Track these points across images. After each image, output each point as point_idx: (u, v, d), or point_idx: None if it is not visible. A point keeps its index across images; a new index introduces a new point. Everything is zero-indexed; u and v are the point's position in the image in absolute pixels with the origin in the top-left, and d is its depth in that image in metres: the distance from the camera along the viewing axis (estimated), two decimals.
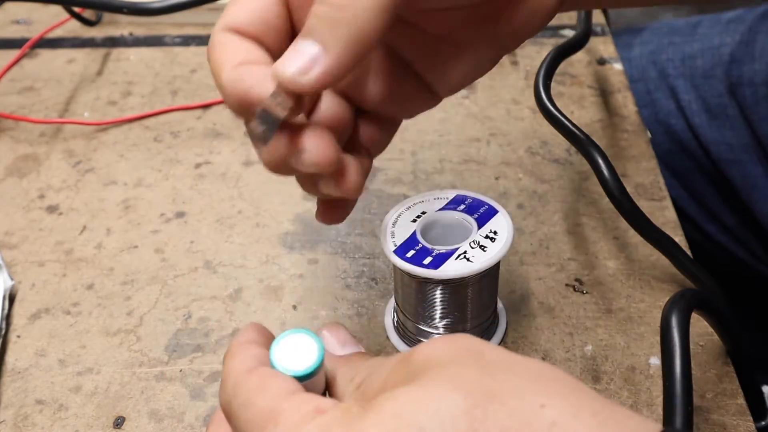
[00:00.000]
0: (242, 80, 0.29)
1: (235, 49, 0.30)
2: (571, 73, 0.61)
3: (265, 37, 0.31)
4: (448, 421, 0.22)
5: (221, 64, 0.30)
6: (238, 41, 0.31)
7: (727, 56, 0.63)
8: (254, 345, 0.30)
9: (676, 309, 0.34)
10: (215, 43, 0.31)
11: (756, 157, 0.61)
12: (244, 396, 0.27)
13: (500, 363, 0.24)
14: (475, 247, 0.37)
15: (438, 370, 0.24)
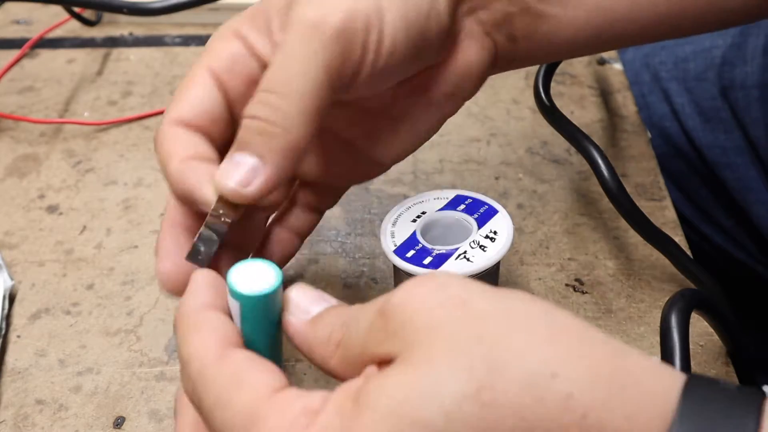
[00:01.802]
0: (186, 178, 0.30)
1: (181, 143, 0.32)
2: (571, 73, 0.61)
3: (209, 128, 0.33)
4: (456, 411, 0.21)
5: (168, 158, 0.31)
6: (184, 134, 0.32)
7: (719, 59, 0.63)
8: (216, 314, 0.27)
9: (676, 309, 0.34)
10: (162, 136, 0.32)
11: (749, 159, 0.61)
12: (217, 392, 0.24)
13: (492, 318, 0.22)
14: (475, 247, 0.37)
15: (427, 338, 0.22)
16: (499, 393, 0.21)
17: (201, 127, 0.32)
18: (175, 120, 0.32)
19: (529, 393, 0.21)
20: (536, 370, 0.21)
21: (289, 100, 0.30)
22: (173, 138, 0.32)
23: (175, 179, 0.31)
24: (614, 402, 0.21)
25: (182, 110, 0.32)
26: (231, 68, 0.33)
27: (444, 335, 0.22)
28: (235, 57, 0.33)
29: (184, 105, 0.32)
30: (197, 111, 0.32)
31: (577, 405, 0.20)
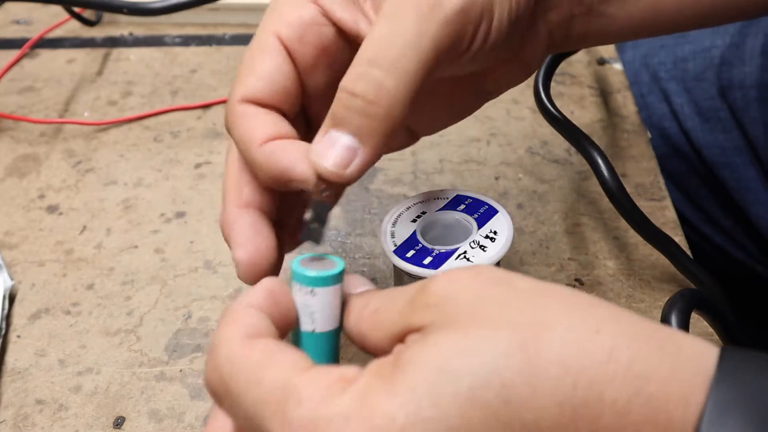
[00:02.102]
0: (278, 159, 0.29)
1: (258, 123, 0.30)
2: (571, 73, 0.61)
3: (283, 104, 0.31)
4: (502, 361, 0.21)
5: (249, 139, 0.30)
6: (259, 113, 0.30)
7: (718, 59, 0.63)
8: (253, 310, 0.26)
9: (676, 309, 0.34)
10: (236, 116, 0.30)
11: (748, 159, 0.61)
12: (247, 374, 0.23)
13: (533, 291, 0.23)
14: (475, 247, 0.37)
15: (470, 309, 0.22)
16: (543, 345, 0.21)
17: (276, 105, 0.31)
18: (248, 97, 0.30)
19: (574, 346, 0.21)
20: (579, 327, 0.21)
21: (396, 78, 0.28)
22: (249, 118, 0.30)
23: (266, 161, 0.29)
24: (657, 356, 0.21)
25: (254, 87, 0.30)
26: (302, 36, 0.31)
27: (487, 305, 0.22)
28: (308, 23, 0.31)
29: (254, 81, 0.30)
30: (270, 87, 0.30)
31: (621, 356, 0.21)
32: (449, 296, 0.23)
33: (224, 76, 0.62)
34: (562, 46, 0.37)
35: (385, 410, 0.21)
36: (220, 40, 0.66)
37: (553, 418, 0.21)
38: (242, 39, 0.66)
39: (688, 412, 0.20)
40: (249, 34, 0.67)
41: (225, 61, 0.64)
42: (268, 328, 0.26)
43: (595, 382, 0.21)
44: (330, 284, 0.27)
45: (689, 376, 0.21)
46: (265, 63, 0.31)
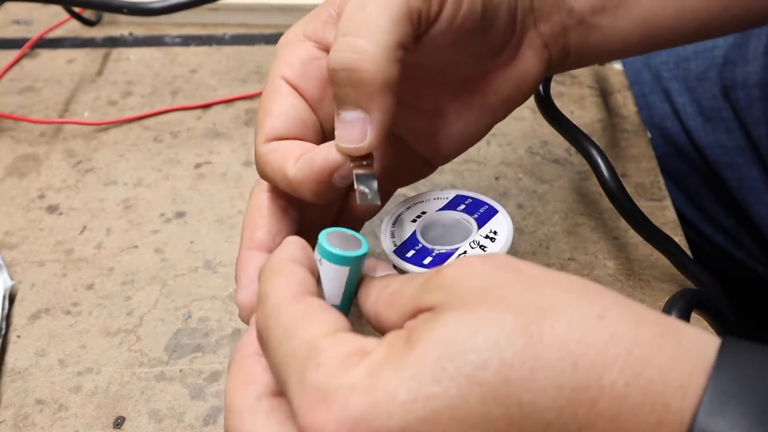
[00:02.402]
0: (312, 162, 0.30)
1: (288, 149, 0.32)
2: (571, 73, 0.61)
3: (305, 135, 0.33)
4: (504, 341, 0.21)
5: (282, 164, 0.31)
6: (287, 143, 0.32)
7: (721, 58, 0.63)
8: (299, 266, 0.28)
9: (676, 309, 0.34)
10: (265, 153, 0.32)
11: (750, 159, 0.61)
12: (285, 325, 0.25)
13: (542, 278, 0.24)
14: (475, 247, 0.37)
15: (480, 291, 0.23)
16: (546, 328, 0.22)
17: (297, 136, 0.33)
18: (270, 137, 0.32)
19: (577, 329, 0.21)
20: (583, 312, 0.22)
21: (369, 36, 0.29)
22: (276, 150, 0.32)
23: (302, 173, 0.31)
24: (658, 343, 0.21)
25: (273, 126, 0.32)
26: (304, 73, 0.33)
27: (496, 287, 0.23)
28: (306, 60, 0.33)
29: (272, 121, 0.32)
30: (288, 122, 0.32)
31: (622, 341, 0.21)
32: (461, 279, 0.24)
33: (224, 76, 0.62)
34: (563, 63, 0.38)
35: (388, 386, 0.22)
36: (220, 40, 0.66)
37: (552, 399, 0.21)
38: (242, 39, 0.66)
39: (686, 400, 0.21)
40: (249, 34, 0.67)
41: (225, 61, 0.64)
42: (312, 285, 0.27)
43: (595, 365, 0.21)
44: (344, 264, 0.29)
45: (689, 365, 0.21)
46: (278, 103, 0.33)
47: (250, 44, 0.66)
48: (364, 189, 0.31)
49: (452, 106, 0.37)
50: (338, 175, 0.31)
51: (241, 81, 0.61)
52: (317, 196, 0.31)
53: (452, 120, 0.37)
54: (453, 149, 0.38)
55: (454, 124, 0.37)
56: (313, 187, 0.31)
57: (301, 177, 0.31)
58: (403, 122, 0.37)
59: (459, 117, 0.37)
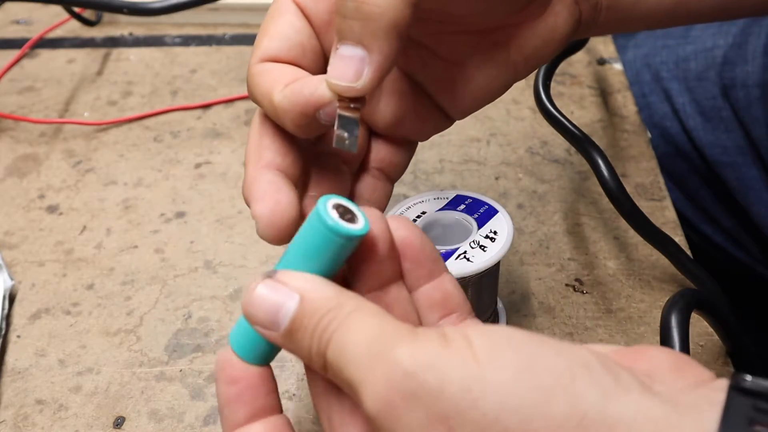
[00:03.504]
0: (299, 92, 0.29)
1: (279, 73, 0.30)
2: (571, 73, 0.61)
3: (302, 60, 0.31)
4: None
5: (270, 88, 0.30)
6: (279, 66, 0.31)
7: (720, 58, 0.63)
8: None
9: (676, 309, 0.34)
10: (256, 73, 0.31)
11: (750, 159, 0.61)
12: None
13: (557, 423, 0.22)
14: (475, 247, 0.37)
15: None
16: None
17: (294, 61, 0.31)
18: (264, 57, 0.31)
19: None
20: None
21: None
22: (268, 73, 0.30)
23: (288, 99, 0.29)
24: None
25: (270, 46, 0.31)
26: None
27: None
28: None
29: (271, 40, 0.31)
30: (286, 44, 0.31)
31: None
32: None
33: (224, 76, 0.62)
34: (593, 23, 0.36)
35: None
36: (220, 40, 0.66)
37: None
38: (242, 39, 0.66)
39: None
40: (249, 34, 0.67)
41: (225, 61, 0.64)
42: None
43: None
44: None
45: None
46: (279, 23, 0.31)
47: (250, 44, 0.65)
48: (342, 133, 0.29)
49: (473, 57, 0.35)
50: (324, 112, 0.29)
51: (241, 81, 0.61)
52: (300, 129, 0.30)
53: (472, 72, 0.35)
54: (471, 103, 0.36)
55: (474, 76, 0.35)
56: (296, 119, 0.29)
57: (285, 105, 0.29)
58: (422, 67, 0.35)
59: (479, 70, 0.35)
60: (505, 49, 0.35)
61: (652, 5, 0.37)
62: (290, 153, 0.31)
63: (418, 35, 0.34)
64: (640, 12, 0.37)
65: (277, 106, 0.29)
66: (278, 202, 0.29)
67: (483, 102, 0.36)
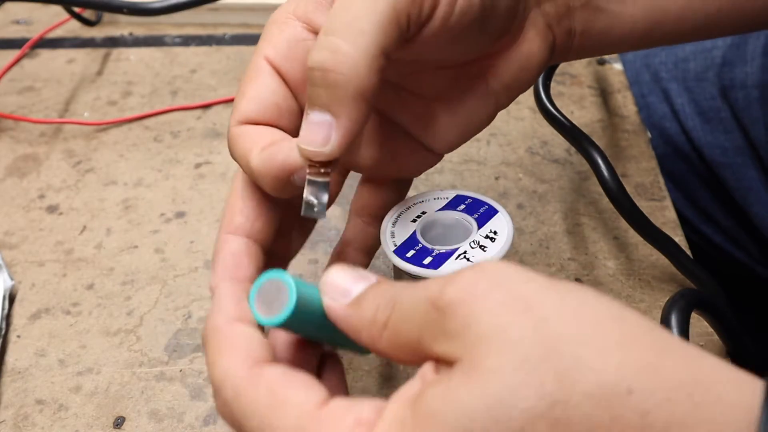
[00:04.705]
0: (274, 157, 0.29)
1: (256, 136, 0.31)
2: (571, 73, 0.61)
3: (279, 121, 0.32)
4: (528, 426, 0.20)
5: (247, 151, 0.30)
6: (255, 129, 0.31)
7: (719, 59, 0.63)
8: (241, 327, 0.25)
9: (676, 309, 0.34)
10: (235, 136, 0.31)
11: (749, 159, 0.61)
12: (259, 417, 0.23)
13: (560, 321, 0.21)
14: (475, 247, 0.37)
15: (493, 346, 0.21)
16: (571, 409, 0.20)
17: (272, 122, 0.32)
18: (243, 120, 0.31)
19: (605, 410, 0.20)
20: (610, 385, 0.20)
21: (351, 39, 0.28)
22: (246, 135, 0.31)
23: (264, 163, 0.30)
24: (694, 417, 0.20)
25: (248, 108, 0.31)
26: (288, 54, 0.32)
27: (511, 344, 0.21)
28: (292, 40, 0.32)
29: (248, 103, 0.32)
30: (262, 106, 0.31)
31: (655, 422, 0.20)
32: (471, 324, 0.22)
33: (224, 76, 0.62)
34: (567, 48, 0.37)
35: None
36: (220, 40, 0.66)
37: None
38: (242, 39, 0.66)
39: None
40: (249, 34, 0.67)
41: (225, 61, 0.64)
42: (260, 346, 0.25)
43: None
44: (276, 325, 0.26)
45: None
46: (255, 85, 0.32)
47: (250, 44, 0.66)
48: (311, 199, 0.30)
49: (452, 91, 0.35)
50: (298, 177, 0.30)
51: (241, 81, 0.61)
52: (276, 191, 0.30)
53: (453, 106, 0.35)
54: (456, 137, 0.36)
55: (456, 110, 0.36)
56: (271, 182, 0.30)
57: (261, 170, 0.30)
58: (401, 108, 0.36)
59: (460, 103, 0.35)
60: (483, 80, 0.35)
61: (626, 29, 0.37)
62: (262, 216, 0.32)
63: (395, 77, 0.35)
64: (614, 36, 0.37)
65: (254, 169, 0.30)
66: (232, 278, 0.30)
67: (468, 134, 0.37)
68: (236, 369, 0.24)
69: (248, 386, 0.24)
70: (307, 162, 0.29)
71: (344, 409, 0.23)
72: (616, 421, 0.20)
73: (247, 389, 0.24)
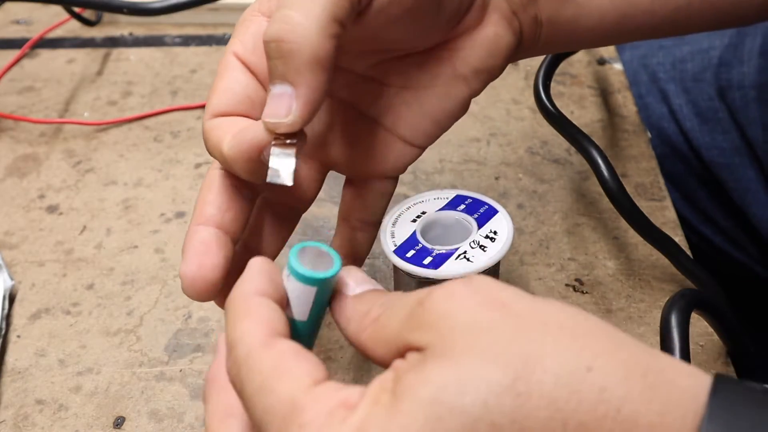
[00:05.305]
0: (243, 138, 0.30)
1: (228, 126, 0.32)
2: (571, 73, 0.61)
3: (251, 112, 0.33)
4: (492, 400, 0.21)
5: (220, 140, 0.31)
6: (229, 120, 0.32)
7: (716, 59, 0.63)
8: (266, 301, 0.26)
9: (676, 309, 0.34)
10: (207, 129, 0.32)
11: (747, 160, 0.61)
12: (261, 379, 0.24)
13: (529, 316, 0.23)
14: (475, 247, 0.37)
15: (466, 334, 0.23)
16: (533, 384, 0.21)
17: (241, 113, 0.32)
18: (215, 113, 0.32)
19: (564, 385, 0.21)
20: (571, 364, 0.21)
21: (301, 9, 0.28)
22: (218, 128, 0.32)
23: (234, 149, 0.30)
24: (647, 397, 0.21)
25: (219, 102, 0.32)
26: (254, 49, 0.33)
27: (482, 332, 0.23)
28: (258, 35, 0.32)
29: (218, 97, 0.32)
30: (233, 99, 0.32)
31: (611, 397, 0.21)
32: (446, 317, 0.23)
33: None
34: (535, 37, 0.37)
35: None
36: (220, 40, 0.66)
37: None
38: None
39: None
40: None
41: None
42: (282, 321, 0.26)
43: (584, 425, 0.21)
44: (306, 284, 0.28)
45: (679, 416, 0.21)
46: (225, 79, 0.33)
47: None
48: (276, 167, 0.30)
49: (421, 78, 0.35)
50: (267, 153, 0.30)
51: None
52: (249, 173, 0.31)
53: (424, 93, 0.36)
54: (430, 125, 0.36)
55: (427, 97, 0.36)
56: (244, 165, 0.30)
57: (233, 154, 0.30)
58: (371, 100, 0.36)
59: (430, 89, 0.35)
60: (450, 63, 0.35)
61: (594, 20, 0.37)
62: (232, 208, 0.33)
63: (362, 69, 0.35)
64: (582, 27, 0.38)
65: (227, 155, 0.31)
66: (201, 265, 0.31)
67: (443, 123, 0.37)
68: (254, 333, 0.25)
69: (260, 350, 0.25)
70: (272, 135, 0.30)
71: (334, 390, 0.24)
72: (574, 395, 0.21)
73: (258, 352, 0.25)
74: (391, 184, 0.38)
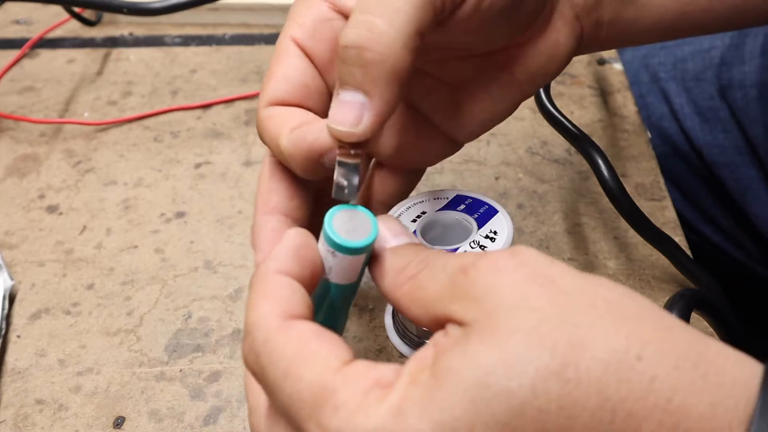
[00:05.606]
0: (303, 138, 0.29)
1: (286, 117, 0.31)
2: (571, 73, 0.61)
3: (308, 101, 0.32)
4: (540, 384, 0.20)
5: (278, 133, 0.30)
6: (284, 111, 0.31)
7: (718, 59, 0.63)
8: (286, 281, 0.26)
9: (676, 309, 0.34)
10: (264, 118, 0.31)
11: (748, 159, 0.61)
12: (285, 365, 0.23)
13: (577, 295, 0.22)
14: (475, 247, 0.37)
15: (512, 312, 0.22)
16: (582, 371, 0.21)
17: (300, 102, 0.31)
18: (271, 101, 0.31)
19: (614, 374, 0.21)
20: (621, 352, 0.21)
21: (387, 18, 0.27)
22: (275, 117, 0.31)
23: (294, 145, 0.29)
24: (698, 387, 0.21)
25: (276, 90, 0.31)
26: (314, 33, 0.31)
27: (529, 311, 0.22)
28: (318, 20, 0.31)
29: (276, 84, 0.31)
30: (290, 86, 0.31)
31: (662, 387, 0.20)
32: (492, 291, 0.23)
33: (224, 76, 0.62)
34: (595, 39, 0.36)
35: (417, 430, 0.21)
36: (220, 40, 0.66)
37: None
38: (242, 39, 0.66)
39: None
40: (249, 34, 0.67)
41: (225, 61, 0.64)
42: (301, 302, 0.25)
43: (633, 414, 0.20)
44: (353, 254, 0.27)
45: (729, 413, 0.20)
46: (282, 65, 0.31)
47: (250, 44, 0.66)
48: (342, 181, 0.29)
49: (477, 80, 0.35)
50: (327, 158, 0.29)
51: (241, 81, 0.61)
52: (307, 172, 0.30)
53: (477, 95, 0.35)
54: (478, 126, 0.36)
55: (480, 99, 0.35)
56: (302, 164, 0.30)
57: (291, 151, 0.30)
58: (425, 95, 0.35)
59: (484, 92, 0.35)
60: (509, 69, 0.35)
61: (654, 19, 0.37)
62: (297, 195, 0.32)
63: (421, 63, 0.34)
64: (642, 26, 0.37)
65: (284, 151, 0.30)
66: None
67: (491, 124, 0.36)
68: (272, 316, 0.24)
69: (280, 334, 0.24)
70: (337, 143, 0.29)
71: (366, 368, 0.23)
72: (623, 384, 0.20)
73: (278, 336, 0.24)
74: (419, 175, 0.38)
